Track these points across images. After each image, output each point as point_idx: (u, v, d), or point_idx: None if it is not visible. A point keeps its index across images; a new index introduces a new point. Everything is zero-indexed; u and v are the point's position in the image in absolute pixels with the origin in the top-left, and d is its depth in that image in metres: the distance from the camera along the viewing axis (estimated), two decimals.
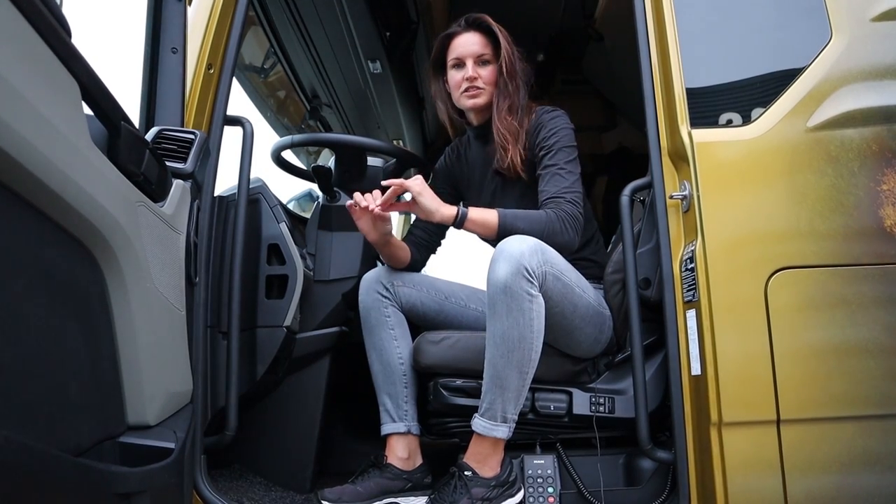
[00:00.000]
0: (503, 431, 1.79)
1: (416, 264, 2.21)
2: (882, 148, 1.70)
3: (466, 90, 2.08)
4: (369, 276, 2.11)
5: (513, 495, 1.83)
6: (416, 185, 1.86)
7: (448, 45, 2.12)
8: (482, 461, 1.81)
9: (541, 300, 1.75)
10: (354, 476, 1.98)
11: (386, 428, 2.04)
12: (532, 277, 1.71)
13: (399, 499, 1.96)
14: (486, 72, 2.07)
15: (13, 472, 0.81)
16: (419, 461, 2.05)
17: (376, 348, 2.06)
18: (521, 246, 1.72)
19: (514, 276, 1.69)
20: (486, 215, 1.89)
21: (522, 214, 1.90)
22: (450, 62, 2.12)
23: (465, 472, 1.79)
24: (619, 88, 2.28)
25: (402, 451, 2.02)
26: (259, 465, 1.99)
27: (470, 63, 2.07)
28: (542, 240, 1.80)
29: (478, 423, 1.79)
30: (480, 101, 2.08)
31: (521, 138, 2.03)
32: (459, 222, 1.89)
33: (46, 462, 0.89)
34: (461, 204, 1.96)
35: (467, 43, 2.08)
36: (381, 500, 1.93)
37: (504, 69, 2.05)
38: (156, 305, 1.34)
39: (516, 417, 1.80)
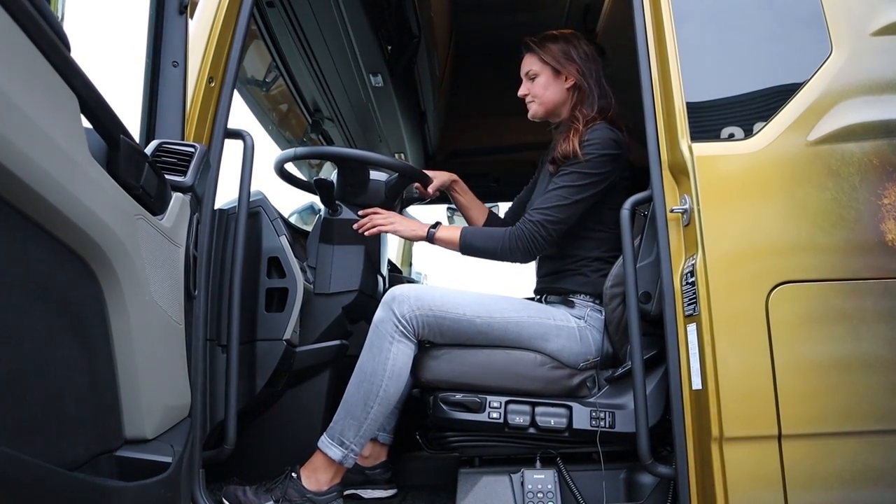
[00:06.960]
0: (335, 453, 1.89)
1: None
2: (883, 162, 1.70)
3: (527, 104, 2.28)
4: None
5: None
6: (385, 224, 2.16)
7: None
8: (311, 472, 1.91)
9: (405, 346, 1.90)
10: None
11: None
12: (400, 323, 1.89)
13: (358, 490, 2.07)
14: (535, 85, 2.24)
15: (7, 486, 0.80)
16: (381, 460, 2.14)
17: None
18: (402, 292, 1.92)
19: (385, 317, 1.91)
20: (451, 233, 2.11)
21: (480, 233, 2.10)
22: None
23: (293, 473, 1.92)
24: (619, 102, 2.28)
25: (365, 451, 2.09)
26: (258, 479, 1.98)
27: (524, 81, 2.27)
28: (496, 257, 2.04)
29: (322, 437, 1.93)
30: (532, 110, 2.27)
31: (580, 131, 2.08)
32: (429, 240, 2.13)
33: (41, 476, 0.88)
34: (432, 225, 2.13)
35: (523, 65, 2.28)
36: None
37: (572, 76, 2.18)
38: (154, 319, 1.33)
39: (355, 448, 1.89)
